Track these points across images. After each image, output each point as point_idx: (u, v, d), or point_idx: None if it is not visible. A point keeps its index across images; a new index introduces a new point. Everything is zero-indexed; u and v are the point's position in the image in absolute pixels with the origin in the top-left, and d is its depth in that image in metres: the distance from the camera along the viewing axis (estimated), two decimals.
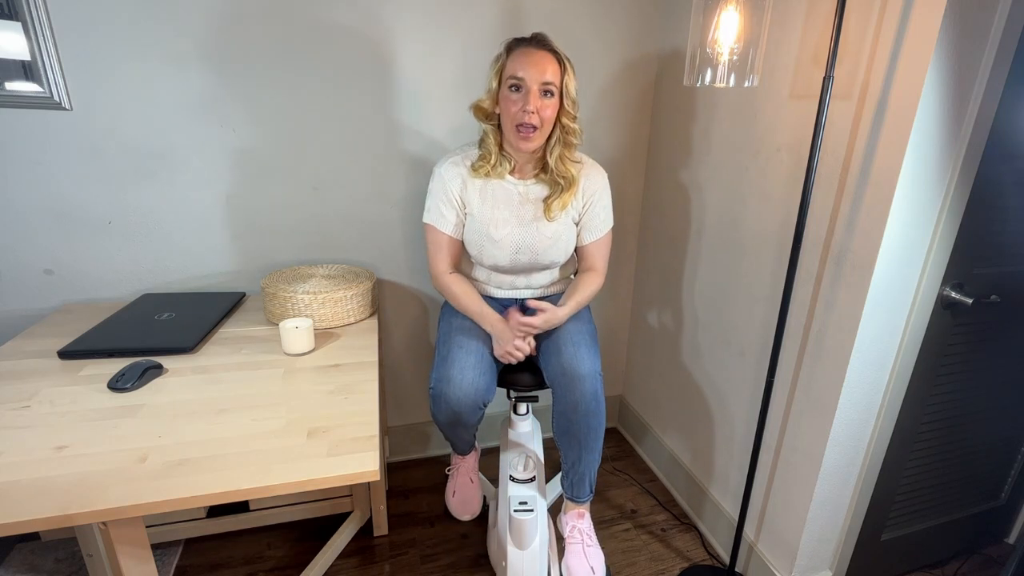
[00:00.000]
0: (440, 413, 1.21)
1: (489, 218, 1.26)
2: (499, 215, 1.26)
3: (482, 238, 1.27)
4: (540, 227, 1.27)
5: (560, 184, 1.25)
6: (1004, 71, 0.94)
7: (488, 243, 1.26)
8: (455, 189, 1.26)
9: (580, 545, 1.33)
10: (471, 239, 1.29)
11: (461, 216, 1.28)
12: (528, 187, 1.27)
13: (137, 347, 1.11)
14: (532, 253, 1.28)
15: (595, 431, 1.23)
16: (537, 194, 1.27)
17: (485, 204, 1.26)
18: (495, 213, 1.26)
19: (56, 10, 1.20)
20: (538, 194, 1.27)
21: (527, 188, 1.27)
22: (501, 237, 1.26)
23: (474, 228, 1.27)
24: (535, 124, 1.14)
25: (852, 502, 1.26)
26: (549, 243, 1.28)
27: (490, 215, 1.26)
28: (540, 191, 1.28)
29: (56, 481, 0.74)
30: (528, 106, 1.12)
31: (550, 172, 1.25)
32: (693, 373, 1.62)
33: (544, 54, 1.13)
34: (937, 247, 1.05)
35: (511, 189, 1.27)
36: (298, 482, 0.77)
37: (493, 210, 1.26)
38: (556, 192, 1.25)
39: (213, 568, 1.40)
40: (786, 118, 1.19)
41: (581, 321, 1.31)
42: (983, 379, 1.27)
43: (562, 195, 1.25)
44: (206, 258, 1.47)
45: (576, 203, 1.29)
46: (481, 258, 1.30)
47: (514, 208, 1.26)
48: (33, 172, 1.29)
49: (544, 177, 1.27)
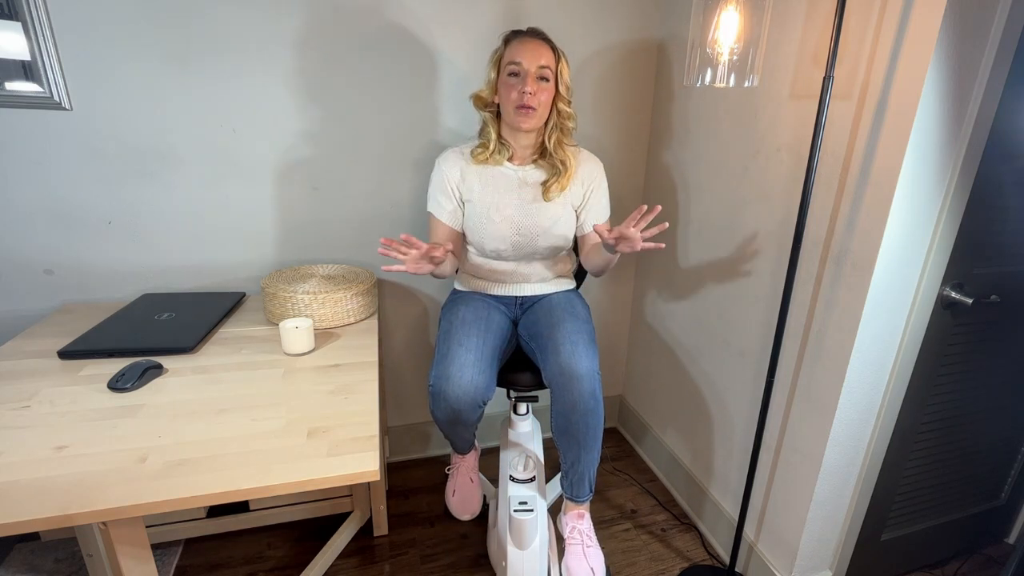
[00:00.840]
0: (440, 411, 1.21)
1: (490, 202, 1.30)
2: (499, 199, 1.30)
3: (482, 221, 1.30)
4: (539, 208, 1.31)
5: (558, 168, 1.30)
6: (1004, 71, 0.94)
7: (489, 225, 1.30)
8: (453, 179, 1.31)
9: (580, 546, 1.33)
10: (472, 224, 1.32)
11: (458, 206, 1.32)
12: (527, 172, 1.33)
13: (137, 347, 1.11)
14: (531, 235, 1.31)
15: (594, 430, 1.23)
16: (536, 178, 1.32)
17: (485, 189, 1.31)
18: (495, 198, 1.30)
19: (56, 10, 1.20)
20: (536, 178, 1.33)
21: (525, 173, 1.32)
22: (501, 219, 1.30)
23: (474, 213, 1.31)
24: (534, 105, 1.20)
25: (852, 502, 1.26)
26: (549, 224, 1.31)
27: (491, 199, 1.30)
28: (538, 175, 1.33)
29: (56, 481, 0.74)
30: (527, 88, 1.19)
31: (548, 156, 1.31)
32: (693, 373, 1.62)
33: (540, 43, 1.21)
34: (937, 247, 1.05)
35: (510, 174, 1.32)
36: (298, 482, 0.77)
37: (493, 195, 1.31)
38: (554, 176, 1.30)
39: (213, 568, 1.40)
40: (786, 118, 1.19)
41: (579, 320, 1.31)
42: (983, 379, 1.27)
43: (560, 179, 1.30)
44: (206, 258, 1.47)
45: (575, 189, 1.34)
46: (482, 243, 1.32)
47: (514, 192, 1.31)
48: (33, 172, 1.29)
49: (542, 162, 1.33)
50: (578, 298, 1.41)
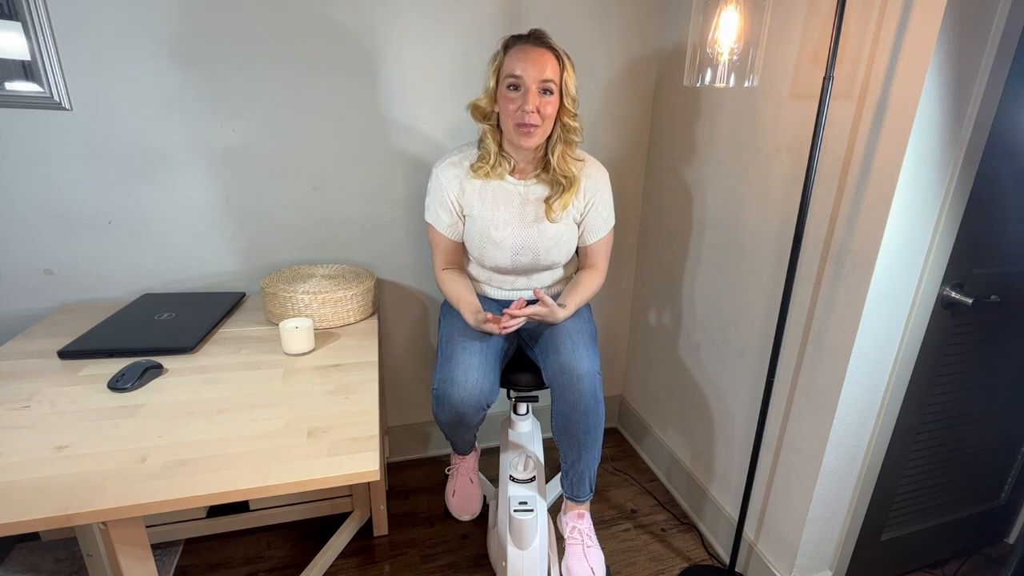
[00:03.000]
0: (443, 414, 1.21)
1: (490, 219, 1.25)
2: (500, 216, 1.25)
3: (483, 239, 1.27)
4: (542, 228, 1.26)
5: (562, 184, 1.24)
6: (1004, 71, 0.94)
7: (489, 244, 1.27)
8: (452, 193, 1.26)
9: (580, 546, 1.33)
10: (472, 240, 1.29)
11: (458, 219, 1.29)
12: (529, 187, 1.27)
13: (137, 347, 1.11)
14: (533, 254, 1.28)
15: (594, 430, 1.23)
16: (538, 194, 1.27)
17: (485, 205, 1.26)
18: (496, 214, 1.25)
19: (56, 10, 1.20)
20: (539, 194, 1.27)
21: (528, 188, 1.27)
22: (502, 239, 1.26)
23: (474, 229, 1.27)
24: (535, 123, 1.12)
25: (852, 502, 1.26)
26: (551, 244, 1.28)
27: (491, 216, 1.25)
28: (541, 191, 1.27)
29: (56, 481, 0.74)
30: (527, 105, 1.10)
31: (552, 171, 1.24)
32: (693, 373, 1.62)
33: (543, 51, 1.11)
34: (937, 247, 1.05)
35: (512, 190, 1.26)
36: (298, 482, 0.77)
37: (494, 211, 1.25)
38: (557, 192, 1.24)
39: (213, 568, 1.40)
40: (786, 118, 1.19)
41: (580, 320, 1.31)
42: (983, 379, 1.27)
43: (563, 195, 1.24)
44: (206, 258, 1.47)
45: (578, 203, 1.28)
46: (482, 259, 1.30)
47: (515, 209, 1.26)
48: (33, 172, 1.29)
49: (545, 177, 1.26)
50: None
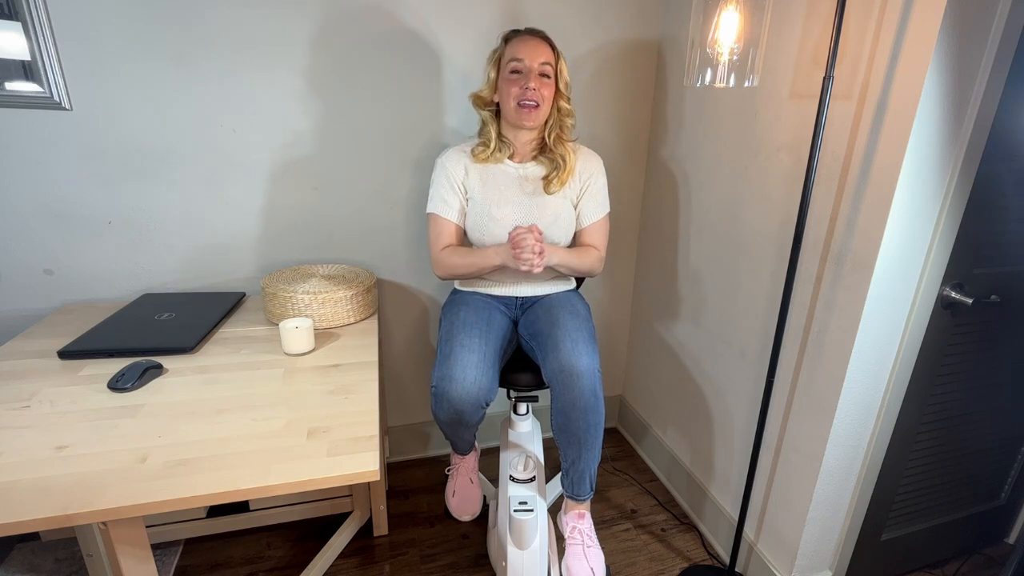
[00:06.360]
0: (442, 412, 1.21)
1: (490, 198, 1.32)
2: (499, 195, 1.32)
3: (484, 218, 1.31)
4: (540, 202, 1.32)
5: (558, 163, 1.32)
6: (1004, 71, 0.94)
7: (490, 222, 1.31)
8: (458, 175, 1.33)
9: (580, 546, 1.33)
10: (473, 222, 1.33)
11: (464, 202, 1.34)
12: (527, 168, 1.35)
13: (137, 347, 1.11)
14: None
15: (594, 428, 1.23)
16: (536, 173, 1.35)
17: (486, 187, 1.32)
18: (495, 194, 1.32)
19: (56, 10, 1.20)
20: (537, 173, 1.35)
21: (526, 170, 1.35)
22: (503, 216, 1.31)
23: (476, 211, 1.32)
24: (537, 100, 1.22)
25: (852, 502, 1.26)
26: (550, 219, 1.32)
27: (491, 196, 1.32)
28: (539, 171, 1.35)
29: (56, 481, 0.74)
30: (530, 83, 1.21)
31: (548, 152, 1.33)
32: (693, 373, 1.62)
33: (540, 41, 1.24)
34: (937, 247, 1.05)
35: (511, 172, 1.34)
36: (298, 482, 0.77)
37: (494, 191, 1.32)
38: (555, 170, 1.33)
39: (213, 568, 1.40)
40: (786, 118, 1.19)
41: (579, 318, 1.31)
42: (983, 379, 1.27)
43: (560, 173, 1.32)
44: (206, 258, 1.47)
45: (574, 184, 1.36)
46: (483, 241, 1.33)
47: (514, 187, 1.33)
48: (33, 172, 1.29)
49: (542, 158, 1.35)
50: (578, 297, 1.41)
